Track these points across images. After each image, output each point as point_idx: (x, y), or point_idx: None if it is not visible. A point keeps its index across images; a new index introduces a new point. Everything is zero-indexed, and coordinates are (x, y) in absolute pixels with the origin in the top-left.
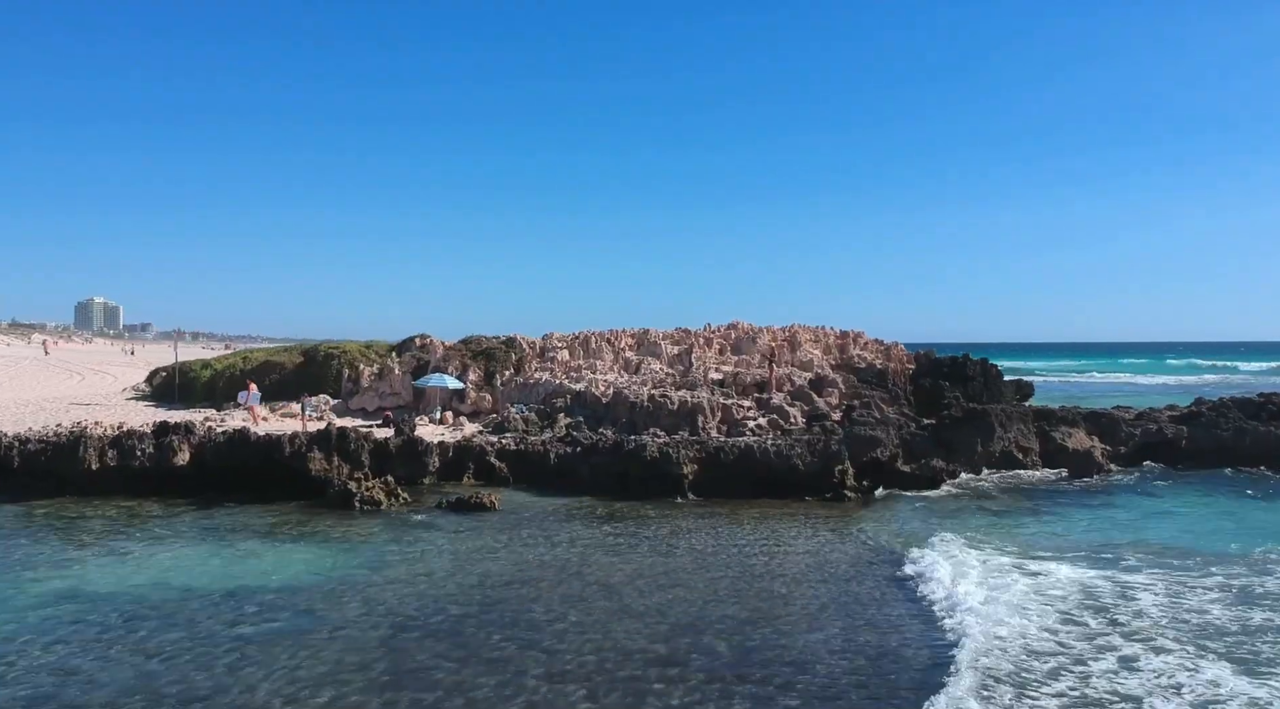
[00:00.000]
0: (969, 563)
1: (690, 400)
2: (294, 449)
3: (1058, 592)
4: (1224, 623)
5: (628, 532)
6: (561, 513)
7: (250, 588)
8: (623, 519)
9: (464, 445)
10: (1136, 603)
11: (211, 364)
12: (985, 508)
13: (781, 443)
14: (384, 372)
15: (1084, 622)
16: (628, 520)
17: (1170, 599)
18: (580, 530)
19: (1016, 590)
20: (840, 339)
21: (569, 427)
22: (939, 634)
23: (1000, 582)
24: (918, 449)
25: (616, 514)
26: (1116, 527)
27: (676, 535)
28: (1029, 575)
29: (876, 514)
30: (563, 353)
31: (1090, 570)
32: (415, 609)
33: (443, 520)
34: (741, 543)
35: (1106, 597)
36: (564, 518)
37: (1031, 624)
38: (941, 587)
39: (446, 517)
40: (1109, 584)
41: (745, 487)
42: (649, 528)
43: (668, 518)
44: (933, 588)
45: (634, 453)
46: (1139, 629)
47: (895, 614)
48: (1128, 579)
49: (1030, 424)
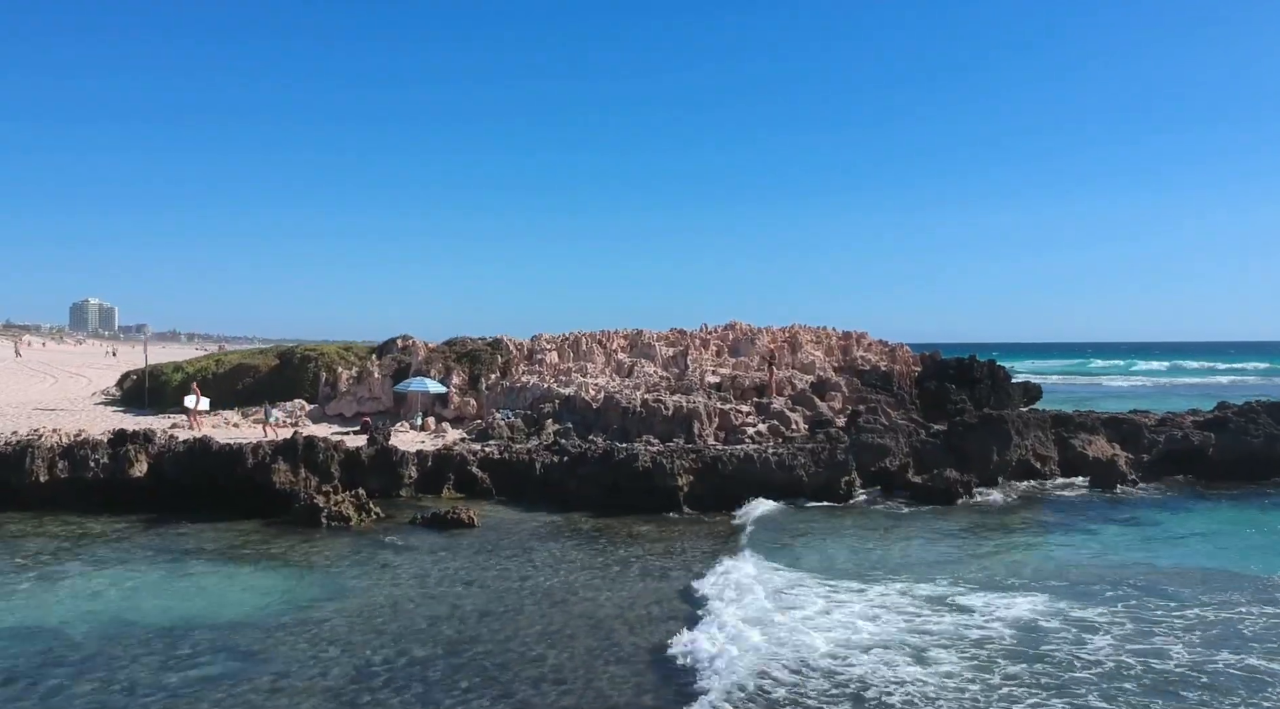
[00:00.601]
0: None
1: (686, 405)
2: (257, 460)
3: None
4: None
5: (618, 552)
6: (546, 530)
7: (191, 623)
8: (613, 536)
9: (444, 454)
10: None
11: (184, 367)
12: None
13: (784, 452)
14: (363, 375)
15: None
16: (618, 538)
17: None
18: (566, 550)
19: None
20: (843, 340)
21: (557, 434)
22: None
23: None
24: (929, 458)
25: (606, 531)
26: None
27: (671, 555)
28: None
29: (893, 528)
30: (551, 355)
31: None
32: (373, 651)
33: (416, 539)
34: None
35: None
36: (548, 536)
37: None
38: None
39: (420, 535)
40: None
41: (745, 498)
42: (641, 546)
43: (662, 535)
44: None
45: (625, 463)
46: None
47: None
48: None
49: (1048, 431)
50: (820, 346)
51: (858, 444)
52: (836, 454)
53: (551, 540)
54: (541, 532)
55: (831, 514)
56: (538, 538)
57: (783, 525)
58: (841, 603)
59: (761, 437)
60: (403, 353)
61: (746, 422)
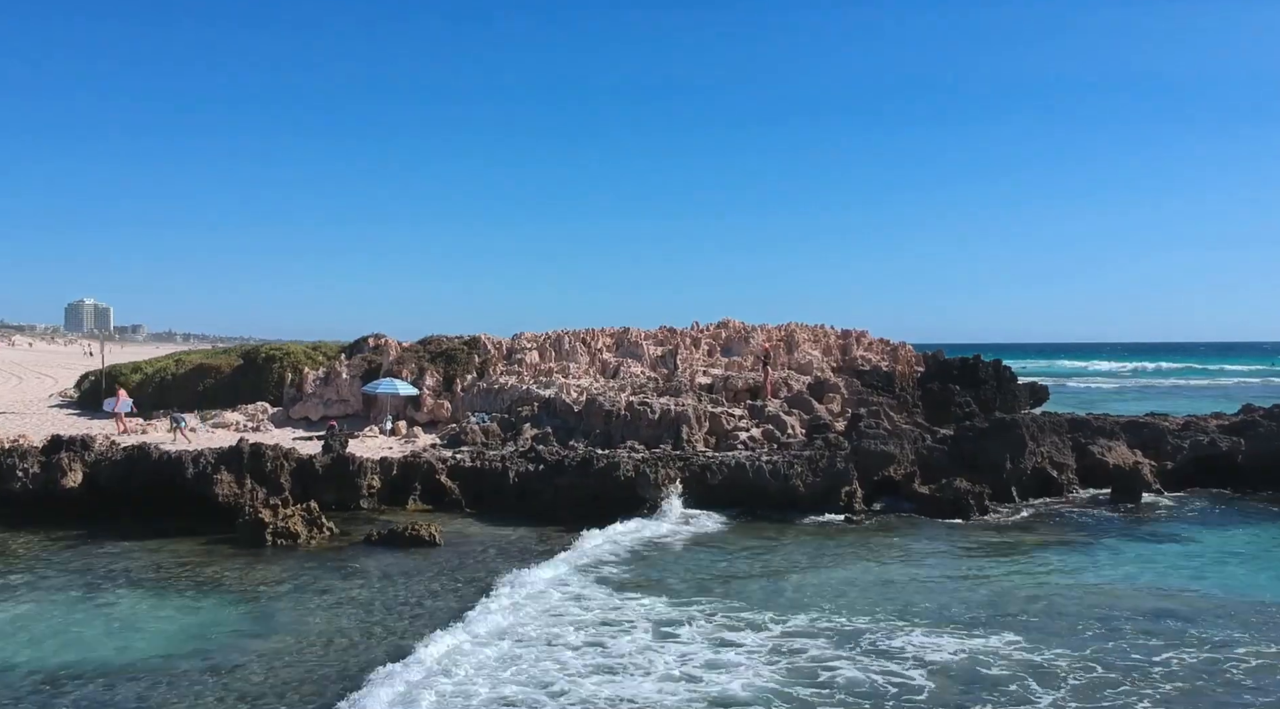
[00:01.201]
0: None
1: (673, 409)
2: (198, 470)
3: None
4: None
5: (594, 574)
6: (516, 547)
7: (83, 666)
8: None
9: (410, 462)
10: None
11: (142, 367)
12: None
13: (778, 459)
14: (330, 376)
15: None
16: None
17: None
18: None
19: None
20: (841, 339)
21: (535, 439)
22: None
23: None
24: (937, 466)
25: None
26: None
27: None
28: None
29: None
30: (532, 354)
31: None
32: (287, 706)
33: (369, 560)
34: (740, 582)
35: None
36: (517, 554)
37: None
38: None
39: (375, 555)
40: None
41: (736, 508)
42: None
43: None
44: None
45: (605, 472)
46: None
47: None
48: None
49: (1065, 436)
50: (818, 346)
51: (859, 451)
52: (836, 462)
53: (519, 560)
54: (511, 549)
55: (817, 532)
56: (506, 557)
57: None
58: (725, 643)
59: (755, 442)
60: (374, 352)
61: (739, 426)
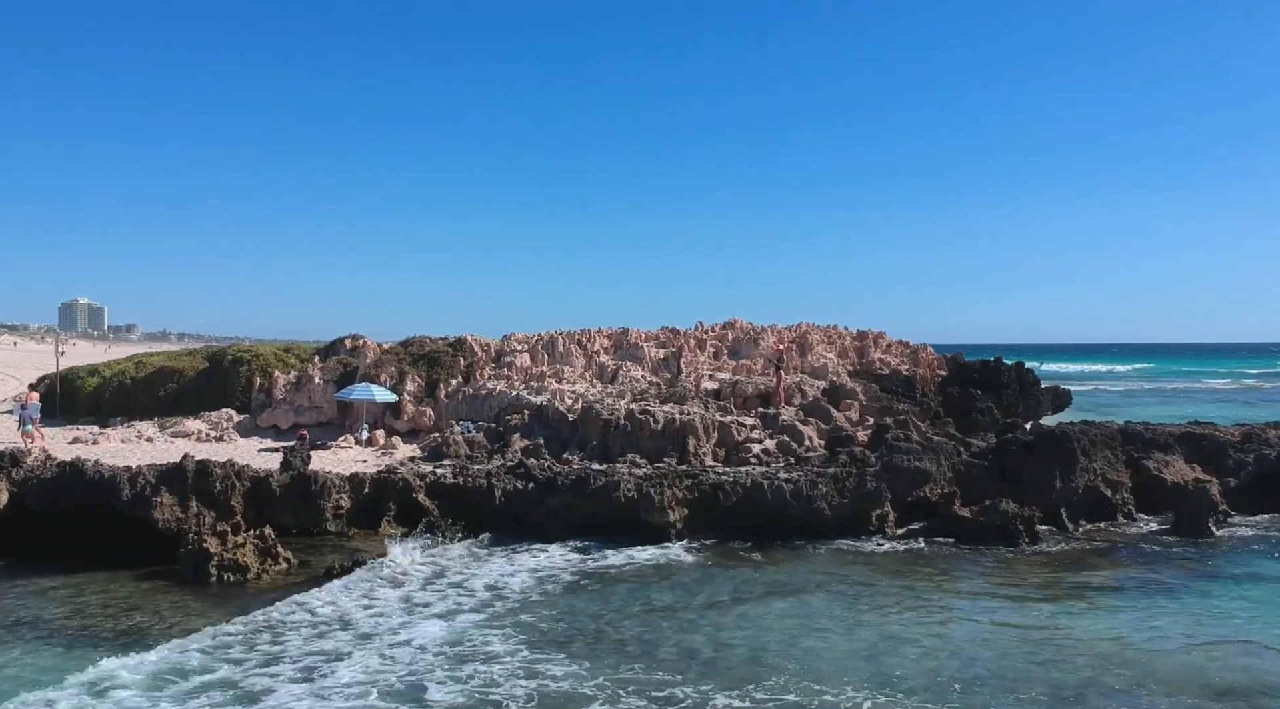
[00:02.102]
0: None
1: (679, 418)
2: (135, 491)
3: None
4: None
5: (590, 617)
6: (498, 583)
7: None
8: (584, 592)
9: (383, 479)
10: None
11: (100, 370)
12: None
13: (800, 478)
14: (302, 380)
15: None
16: (592, 593)
17: None
18: (519, 617)
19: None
20: (858, 340)
21: (525, 451)
22: None
23: None
24: (976, 484)
25: (576, 582)
26: None
27: (662, 625)
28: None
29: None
30: (523, 357)
31: None
32: None
33: (324, 603)
34: (771, 627)
35: None
36: (499, 592)
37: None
38: None
39: (333, 595)
40: None
41: (750, 532)
42: (620, 602)
43: (648, 587)
44: None
45: (603, 492)
46: None
47: None
48: None
49: (1119, 450)
50: (833, 348)
51: (890, 468)
52: (866, 481)
53: (502, 600)
54: (492, 585)
55: (844, 561)
56: (482, 593)
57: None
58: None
59: (769, 455)
60: (351, 354)
61: (751, 437)
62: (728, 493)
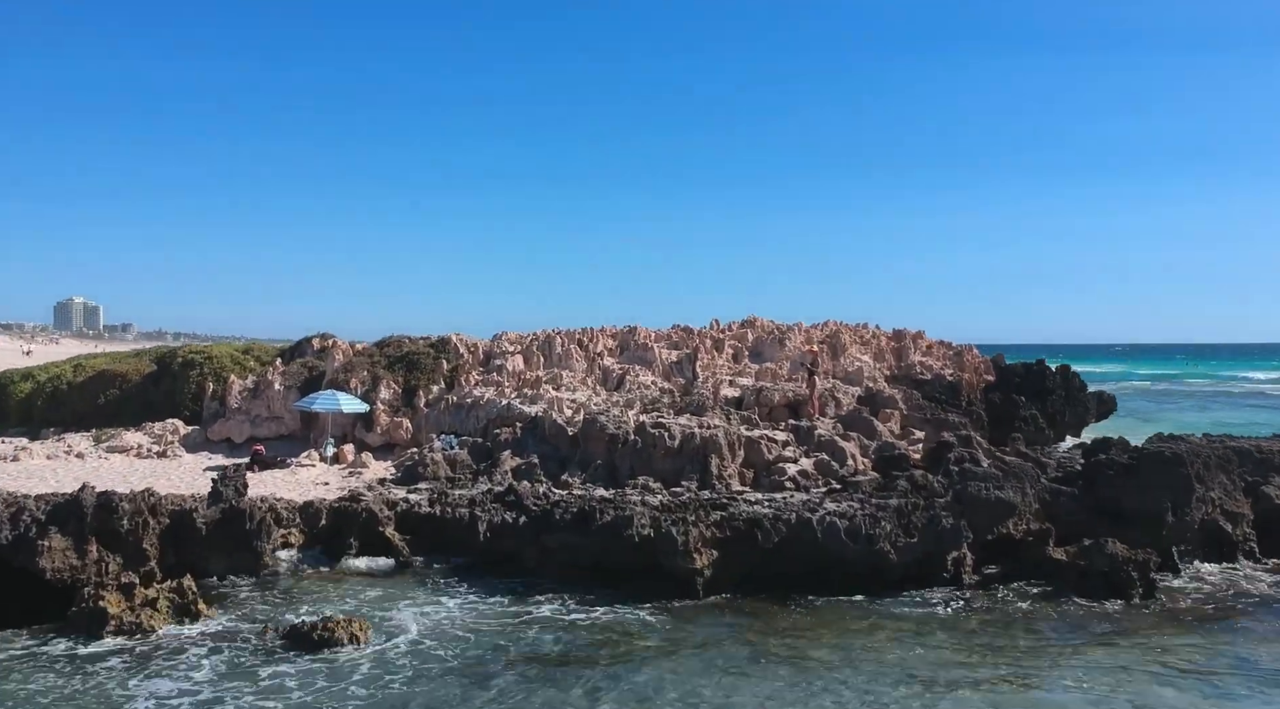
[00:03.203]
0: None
1: (699, 433)
2: (18, 532)
3: None
4: None
5: None
6: (475, 652)
7: None
8: (590, 664)
9: (344, 509)
10: None
11: (34, 374)
12: None
13: (857, 512)
14: (260, 386)
15: None
16: (598, 668)
17: None
18: (505, 701)
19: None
20: (894, 341)
21: (516, 472)
22: None
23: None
24: (1066, 517)
25: (576, 651)
26: None
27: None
28: None
29: None
30: (515, 360)
31: None
32: None
33: (243, 680)
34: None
35: None
36: (477, 665)
37: None
38: None
39: (262, 666)
40: None
41: (793, 579)
42: (638, 686)
43: (673, 653)
44: None
45: (611, 529)
46: None
47: None
48: None
49: (1235, 474)
50: (867, 350)
51: (964, 498)
52: (939, 516)
53: (481, 681)
54: (470, 654)
55: (916, 628)
56: (461, 670)
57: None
58: None
59: (806, 477)
60: (319, 356)
61: (784, 455)
62: (767, 531)
